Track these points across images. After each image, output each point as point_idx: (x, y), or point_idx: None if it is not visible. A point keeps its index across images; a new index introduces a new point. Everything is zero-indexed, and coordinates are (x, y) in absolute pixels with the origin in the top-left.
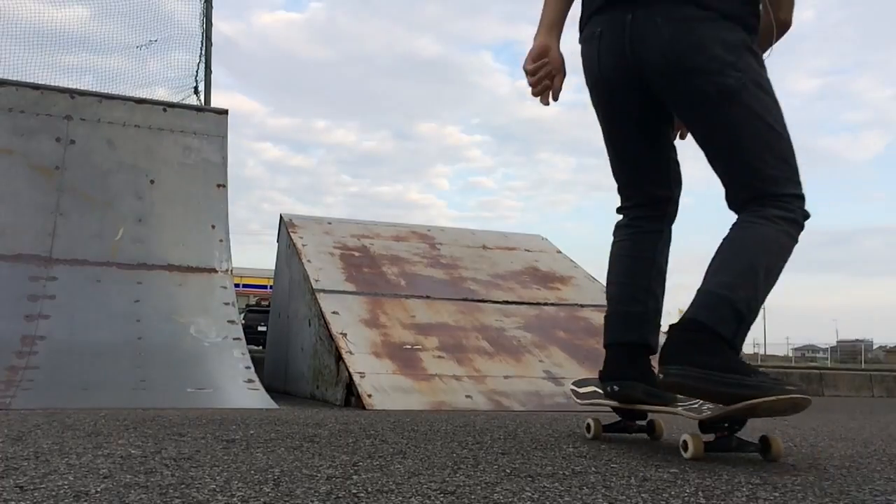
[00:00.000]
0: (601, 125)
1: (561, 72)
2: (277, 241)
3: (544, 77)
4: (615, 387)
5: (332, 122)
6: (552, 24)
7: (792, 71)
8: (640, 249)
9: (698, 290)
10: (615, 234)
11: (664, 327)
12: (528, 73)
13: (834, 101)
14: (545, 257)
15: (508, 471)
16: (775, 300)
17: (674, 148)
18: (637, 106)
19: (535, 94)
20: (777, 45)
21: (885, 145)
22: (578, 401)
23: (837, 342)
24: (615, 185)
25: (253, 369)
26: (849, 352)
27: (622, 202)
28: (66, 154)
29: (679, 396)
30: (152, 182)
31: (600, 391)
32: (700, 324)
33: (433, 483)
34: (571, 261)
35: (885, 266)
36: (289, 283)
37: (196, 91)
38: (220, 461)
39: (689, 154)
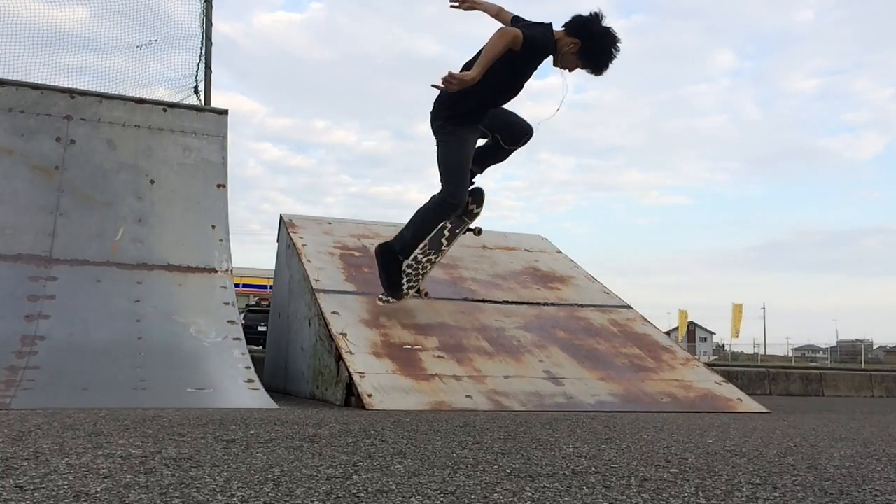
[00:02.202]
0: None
1: None
2: (277, 241)
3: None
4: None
5: (332, 122)
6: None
7: (791, 71)
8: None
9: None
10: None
11: None
12: (454, 81)
13: (834, 101)
14: (545, 257)
15: (508, 471)
16: (775, 300)
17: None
18: None
19: (446, 86)
20: (774, 46)
21: (884, 145)
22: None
23: (837, 342)
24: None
25: (253, 369)
26: (849, 352)
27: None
28: (66, 154)
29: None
30: (152, 182)
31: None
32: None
33: (433, 483)
34: (571, 261)
35: (885, 266)
36: (289, 283)
37: (196, 91)
38: (220, 461)
39: (688, 154)
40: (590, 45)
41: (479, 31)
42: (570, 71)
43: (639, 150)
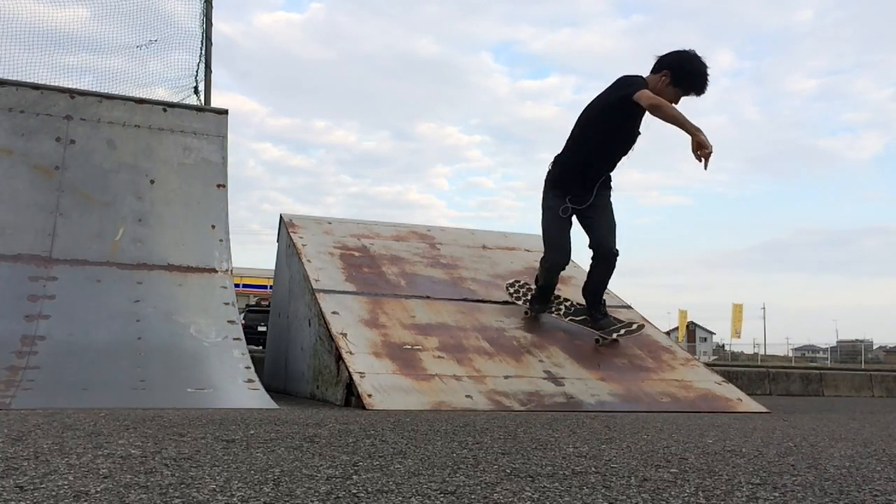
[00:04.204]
0: None
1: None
2: (277, 241)
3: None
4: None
5: (332, 122)
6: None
7: (791, 71)
8: None
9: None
10: None
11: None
12: (707, 148)
13: (833, 101)
14: None
15: (508, 471)
16: (775, 300)
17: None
18: None
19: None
20: (774, 46)
21: (884, 145)
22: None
23: (837, 342)
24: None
25: (253, 369)
26: (849, 352)
27: None
28: (66, 154)
29: None
30: (152, 182)
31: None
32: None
33: (433, 483)
34: (571, 261)
35: (885, 266)
36: (289, 283)
37: (196, 91)
38: (220, 461)
39: (688, 154)
40: (679, 71)
41: (479, 31)
42: (675, 103)
43: (639, 150)
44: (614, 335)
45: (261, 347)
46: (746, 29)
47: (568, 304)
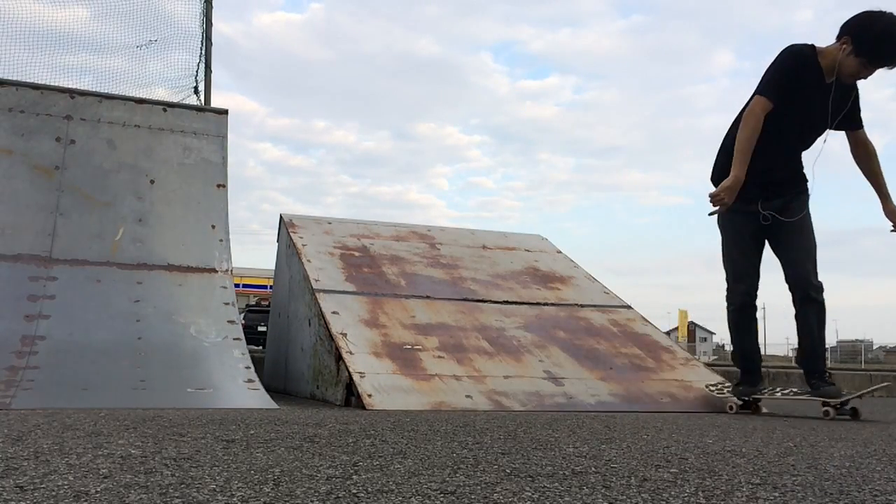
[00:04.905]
0: None
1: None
2: (277, 241)
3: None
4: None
5: (332, 122)
6: (746, 162)
7: None
8: None
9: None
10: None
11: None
12: (717, 196)
13: None
14: (545, 257)
15: (508, 471)
16: (775, 300)
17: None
18: None
19: (715, 206)
20: (774, 46)
21: (884, 145)
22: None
23: (837, 342)
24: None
25: (253, 369)
26: (849, 352)
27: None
28: (66, 154)
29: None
30: (152, 182)
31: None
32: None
33: (433, 483)
34: (571, 261)
35: (885, 266)
36: (289, 283)
37: (196, 91)
38: (220, 461)
39: (688, 154)
40: (862, 35)
41: (479, 31)
42: (864, 77)
43: (639, 150)
44: (845, 397)
45: (261, 347)
46: (746, 29)
47: (784, 390)
